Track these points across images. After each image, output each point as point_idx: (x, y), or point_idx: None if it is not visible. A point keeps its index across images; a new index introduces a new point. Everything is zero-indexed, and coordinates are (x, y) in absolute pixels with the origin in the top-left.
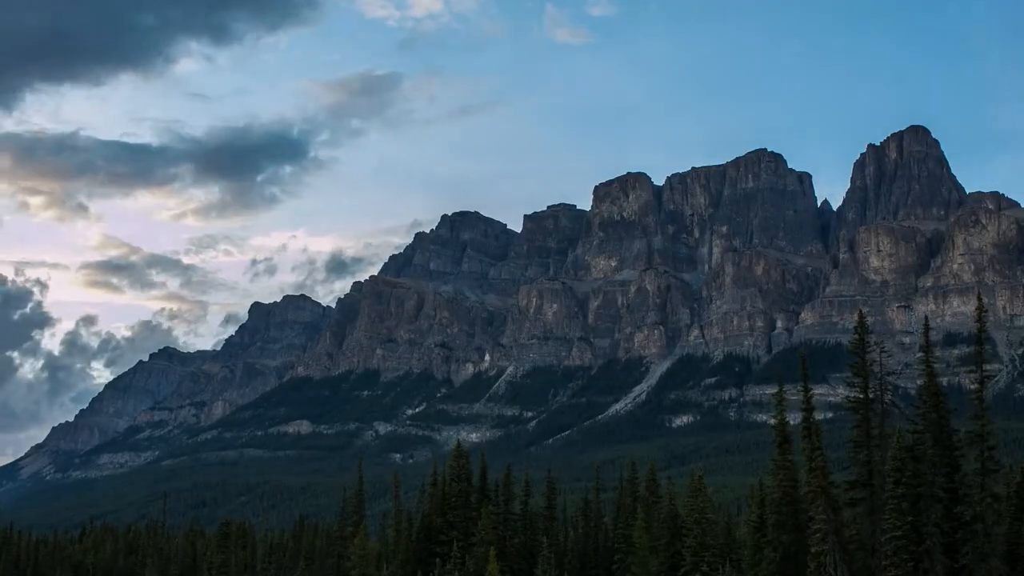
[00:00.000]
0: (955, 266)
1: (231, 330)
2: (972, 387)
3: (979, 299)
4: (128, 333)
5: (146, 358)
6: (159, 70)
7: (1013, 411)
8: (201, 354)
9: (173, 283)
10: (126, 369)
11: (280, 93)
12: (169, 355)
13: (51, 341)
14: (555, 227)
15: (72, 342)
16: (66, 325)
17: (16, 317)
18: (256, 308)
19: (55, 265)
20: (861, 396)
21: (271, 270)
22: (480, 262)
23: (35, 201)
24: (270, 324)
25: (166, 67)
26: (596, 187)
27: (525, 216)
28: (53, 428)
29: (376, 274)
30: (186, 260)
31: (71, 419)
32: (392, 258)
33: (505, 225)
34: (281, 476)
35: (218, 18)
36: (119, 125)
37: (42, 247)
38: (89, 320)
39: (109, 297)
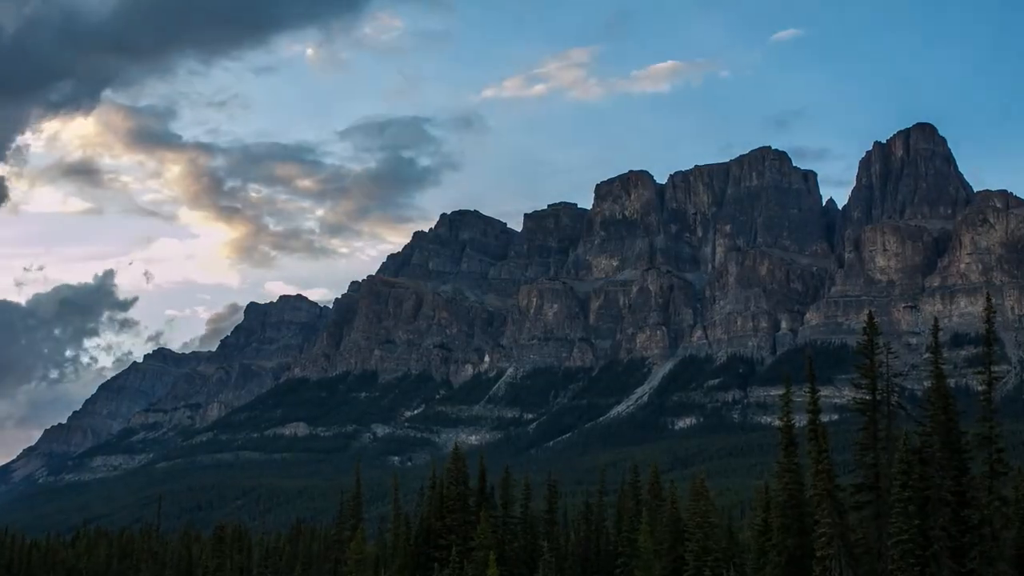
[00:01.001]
0: (962, 266)
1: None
2: (980, 389)
3: (988, 300)
4: (214, 325)
5: (140, 359)
6: (338, 37)
7: (1022, 413)
8: (196, 355)
9: (297, 267)
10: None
11: (471, 62)
12: (163, 356)
13: (134, 340)
14: (556, 226)
15: (155, 338)
16: (169, 313)
17: (104, 318)
18: (252, 308)
19: (167, 246)
20: (868, 398)
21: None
22: (480, 262)
23: (170, 172)
24: (266, 324)
25: (347, 34)
26: (597, 185)
27: (525, 215)
28: (46, 430)
29: (375, 273)
30: (317, 243)
31: (64, 421)
32: (390, 257)
33: (505, 224)
34: (277, 479)
35: None
36: (280, 95)
37: (162, 223)
38: (176, 315)
39: (223, 278)
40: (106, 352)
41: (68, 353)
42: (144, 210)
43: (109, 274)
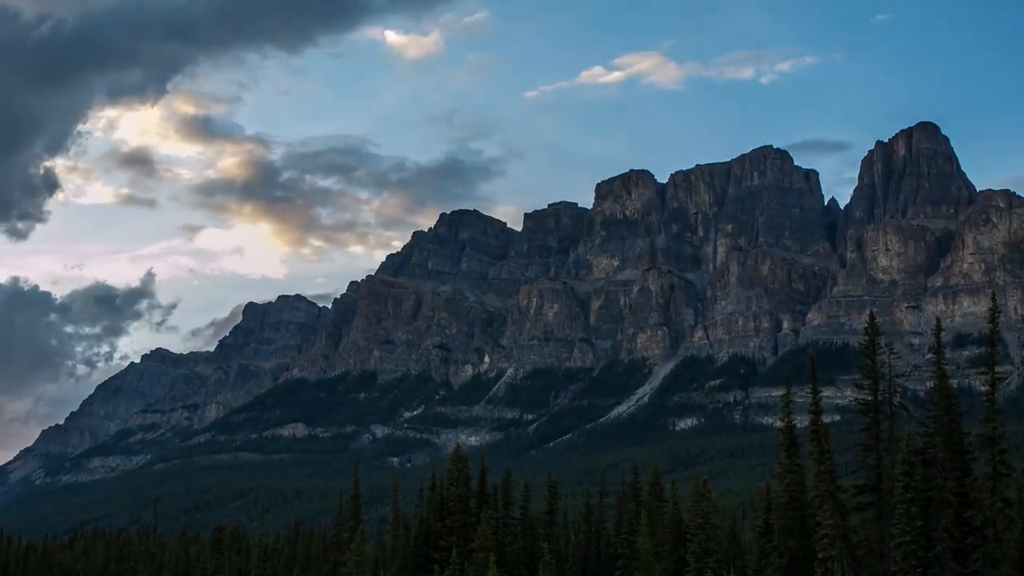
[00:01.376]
0: (965, 265)
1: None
2: (983, 389)
3: (993, 300)
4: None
5: (138, 360)
6: (423, 22)
7: None
8: (194, 355)
9: (346, 260)
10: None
11: (551, 50)
12: (161, 356)
13: (171, 337)
14: (556, 226)
15: (192, 337)
16: (210, 305)
17: (143, 318)
18: (250, 308)
19: (215, 237)
20: (870, 398)
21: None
22: (479, 261)
23: (226, 162)
24: (264, 325)
25: (434, 19)
26: (598, 185)
27: (525, 214)
28: (43, 431)
29: (374, 273)
30: (372, 238)
31: (61, 422)
32: (390, 257)
33: (505, 224)
34: (276, 480)
35: None
36: (351, 83)
37: (212, 214)
38: (219, 307)
39: (270, 272)
40: (137, 355)
41: (102, 350)
42: (195, 201)
43: (150, 273)
